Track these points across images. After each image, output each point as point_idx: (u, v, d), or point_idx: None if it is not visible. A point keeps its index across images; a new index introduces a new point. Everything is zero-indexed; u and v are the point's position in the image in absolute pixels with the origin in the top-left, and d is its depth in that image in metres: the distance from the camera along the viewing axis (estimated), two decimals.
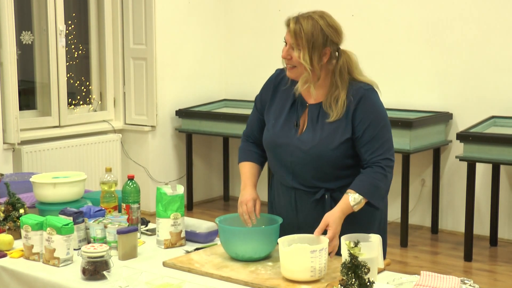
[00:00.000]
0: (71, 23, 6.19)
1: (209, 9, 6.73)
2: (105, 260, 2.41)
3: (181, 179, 6.60)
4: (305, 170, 2.64)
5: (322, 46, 2.57)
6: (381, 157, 2.58)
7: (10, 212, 2.84)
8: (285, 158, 2.67)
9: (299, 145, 2.63)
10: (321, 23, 2.57)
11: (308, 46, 2.54)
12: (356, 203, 2.53)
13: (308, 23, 2.56)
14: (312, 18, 2.58)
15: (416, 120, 5.35)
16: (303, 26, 2.55)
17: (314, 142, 2.60)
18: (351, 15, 6.12)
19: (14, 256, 2.64)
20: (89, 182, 4.33)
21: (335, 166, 2.61)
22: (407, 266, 5.02)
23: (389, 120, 2.71)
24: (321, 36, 2.56)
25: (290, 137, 2.65)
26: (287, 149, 2.65)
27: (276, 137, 2.69)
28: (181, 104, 6.54)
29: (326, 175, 2.63)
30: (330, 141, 2.59)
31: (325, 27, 2.58)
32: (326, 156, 2.59)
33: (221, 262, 2.53)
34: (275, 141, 2.69)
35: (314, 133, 2.61)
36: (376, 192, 2.57)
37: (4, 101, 5.35)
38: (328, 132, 2.60)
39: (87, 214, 2.78)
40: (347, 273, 2.02)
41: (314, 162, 2.61)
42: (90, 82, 6.39)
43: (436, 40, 5.74)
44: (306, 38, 2.54)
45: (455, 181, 5.75)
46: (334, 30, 2.61)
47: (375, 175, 2.56)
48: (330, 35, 2.58)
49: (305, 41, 2.54)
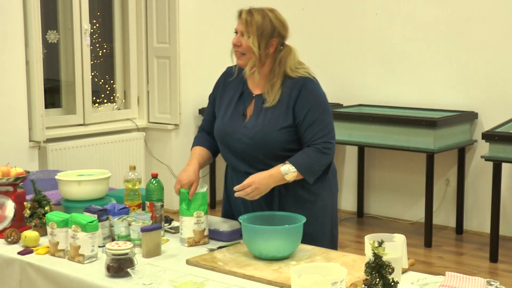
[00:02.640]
0: (95, 22, 6.23)
1: (232, 7, 6.70)
2: (129, 257, 2.42)
3: (204, 177, 6.62)
4: (254, 155, 2.82)
5: (269, 36, 2.79)
6: (321, 140, 2.77)
7: (36, 209, 2.86)
8: (235, 145, 2.86)
9: (245, 132, 2.82)
10: (270, 15, 2.82)
11: (257, 33, 2.78)
12: (287, 172, 2.72)
13: (259, 14, 2.81)
14: (262, 10, 2.83)
15: (440, 120, 5.32)
16: (254, 16, 2.80)
17: (257, 128, 2.80)
18: (375, 14, 6.09)
19: (40, 252, 2.66)
20: (113, 180, 4.35)
21: (281, 149, 2.79)
22: (432, 266, 4.99)
23: (411, 119, 2.78)
24: (269, 26, 2.80)
25: (238, 125, 2.86)
26: (235, 137, 2.85)
27: (225, 126, 2.89)
28: (204, 102, 6.49)
29: (274, 158, 2.79)
30: (272, 126, 2.79)
31: (273, 19, 2.82)
32: (270, 141, 2.78)
33: (244, 260, 2.53)
34: (225, 130, 2.89)
35: (257, 120, 2.82)
36: (310, 168, 2.75)
37: (30, 99, 5.40)
38: (269, 118, 2.80)
39: (111, 211, 2.80)
40: (371, 273, 2.01)
41: (261, 148, 2.80)
42: (114, 81, 6.43)
43: (461, 39, 5.70)
44: (256, 26, 2.78)
45: (480, 181, 5.70)
46: (281, 24, 2.84)
47: (312, 153, 2.76)
48: (278, 27, 2.81)
49: (255, 28, 2.78)
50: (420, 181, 5.76)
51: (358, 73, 6.22)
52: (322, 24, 6.31)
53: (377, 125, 5.53)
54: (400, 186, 6.11)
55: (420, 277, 2.35)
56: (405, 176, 6.06)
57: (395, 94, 6.06)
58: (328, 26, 6.34)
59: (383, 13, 6.06)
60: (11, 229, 2.81)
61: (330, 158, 2.83)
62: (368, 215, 6.30)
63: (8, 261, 2.66)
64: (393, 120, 5.49)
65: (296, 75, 2.81)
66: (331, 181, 2.94)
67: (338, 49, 6.33)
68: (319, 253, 2.62)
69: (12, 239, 2.78)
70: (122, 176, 3.08)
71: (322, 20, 6.35)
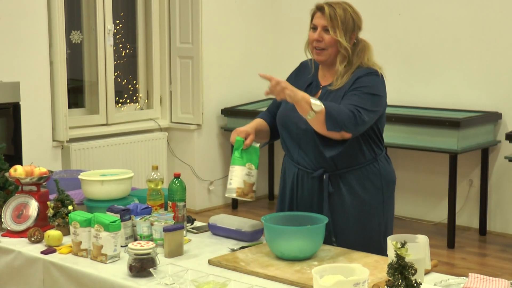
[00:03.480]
0: (119, 22, 6.26)
1: (255, 8, 6.74)
2: (151, 257, 2.42)
3: (226, 177, 6.62)
4: (308, 141, 2.79)
5: (351, 30, 2.80)
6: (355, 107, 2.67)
7: (59, 209, 2.88)
8: (293, 130, 2.85)
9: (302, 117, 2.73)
10: (349, 9, 2.81)
11: (342, 26, 2.76)
12: (315, 102, 2.62)
13: (340, 8, 2.78)
14: (341, 4, 2.80)
15: (464, 120, 5.28)
16: (336, 10, 2.77)
17: None
18: (398, 14, 6.06)
19: (63, 252, 2.68)
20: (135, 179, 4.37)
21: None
22: (455, 267, 4.95)
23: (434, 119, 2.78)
24: (351, 20, 2.79)
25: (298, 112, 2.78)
26: (293, 121, 2.82)
27: (287, 111, 2.86)
28: (227, 103, 6.56)
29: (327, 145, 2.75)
30: None
31: (353, 14, 2.81)
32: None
33: (267, 261, 2.53)
34: (286, 113, 2.87)
35: None
36: (335, 115, 2.64)
37: (53, 99, 5.44)
38: (331, 100, 2.75)
39: (133, 211, 2.81)
40: (394, 274, 2.00)
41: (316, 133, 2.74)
42: (137, 81, 6.46)
43: (485, 39, 5.65)
44: (341, 20, 2.76)
45: (504, 182, 5.65)
46: (358, 17, 2.83)
47: (343, 107, 2.67)
48: (356, 21, 2.82)
49: (340, 22, 2.76)
50: (443, 181, 5.72)
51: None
52: None
53: (400, 125, 5.50)
54: (423, 186, 6.08)
55: (443, 279, 2.34)
56: (428, 177, 6.02)
57: (418, 95, 6.02)
58: None
59: (407, 13, 6.03)
60: (34, 229, 2.83)
61: (354, 126, 2.67)
62: None
63: (31, 260, 2.68)
64: (416, 120, 5.46)
65: (367, 66, 2.82)
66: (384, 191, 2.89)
67: None
68: (342, 254, 2.61)
69: (36, 239, 2.81)
70: (145, 176, 3.09)
71: None
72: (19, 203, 2.94)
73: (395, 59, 6.11)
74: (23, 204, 2.94)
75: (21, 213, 2.92)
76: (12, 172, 2.99)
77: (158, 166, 3.10)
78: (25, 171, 2.98)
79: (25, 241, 2.83)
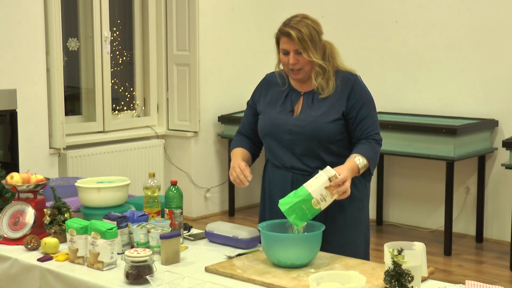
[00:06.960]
0: (116, 29, 6.27)
1: (252, 15, 6.76)
2: (148, 264, 2.42)
3: (223, 185, 6.62)
4: (303, 146, 2.85)
5: (318, 41, 2.84)
6: (374, 132, 2.86)
7: (56, 216, 2.88)
8: (283, 137, 2.88)
9: (296, 123, 2.85)
10: (310, 23, 2.82)
11: (311, 45, 2.80)
12: (362, 165, 2.75)
13: (304, 26, 2.79)
14: (302, 22, 2.81)
15: (460, 127, 5.29)
16: (302, 31, 2.78)
17: (311, 118, 2.83)
18: (394, 21, 6.08)
19: (60, 259, 2.68)
20: (132, 187, 4.37)
21: (330, 141, 2.84)
22: (451, 275, 4.95)
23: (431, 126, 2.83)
24: (315, 33, 2.82)
25: (287, 119, 2.88)
26: (285, 128, 2.86)
27: (273, 119, 2.90)
28: (224, 110, 6.57)
29: (323, 149, 2.84)
30: (324, 118, 2.82)
31: (314, 25, 2.83)
32: (323, 130, 2.81)
33: (263, 268, 2.53)
34: (272, 122, 2.90)
35: (310, 112, 2.85)
36: (375, 159, 2.83)
37: (50, 106, 5.44)
38: (324, 109, 2.84)
39: (130, 218, 2.81)
40: (391, 281, 2.00)
41: (312, 138, 2.83)
42: (134, 88, 6.46)
43: (481, 47, 5.67)
44: (309, 40, 2.79)
45: (501, 189, 5.65)
46: (319, 25, 2.87)
47: (374, 145, 2.84)
48: (319, 30, 2.85)
49: (308, 41, 2.79)
50: (440, 189, 5.72)
51: (378, 80, 6.20)
52: (342, 31, 6.30)
53: (396, 132, 5.51)
54: (419, 194, 6.08)
55: (439, 286, 2.34)
56: (425, 184, 6.03)
57: (414, 102, 6.03)
58: (348, 33, 6.33)
59: (403, 21, 6.04)
60: (31, 236, 2.82)
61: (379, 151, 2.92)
62: (388, 223, 6.27)
63: (28, 268, 2.68)
64: (413, 127, 5.46)
65: (344, 69, 2.90)
66: (367, 183, 2.99)
67: (357, 56, 6.32)
68: (338, 261, 2.61)
69: (32, 246, 2.80)
70: (142, 183, 3.09)
71: (342, 27, 6.34)
72: (15, 211, 2.94)
73: (392, 66, 6.12)
74: (19, 211, 2.94)
75: (17, 221, 2.92)
76: (9, 179, 2.99)
77: (155, 174, 3.11)
78: (22, 179, 2.98)
79: (22, 248, 2.82)
